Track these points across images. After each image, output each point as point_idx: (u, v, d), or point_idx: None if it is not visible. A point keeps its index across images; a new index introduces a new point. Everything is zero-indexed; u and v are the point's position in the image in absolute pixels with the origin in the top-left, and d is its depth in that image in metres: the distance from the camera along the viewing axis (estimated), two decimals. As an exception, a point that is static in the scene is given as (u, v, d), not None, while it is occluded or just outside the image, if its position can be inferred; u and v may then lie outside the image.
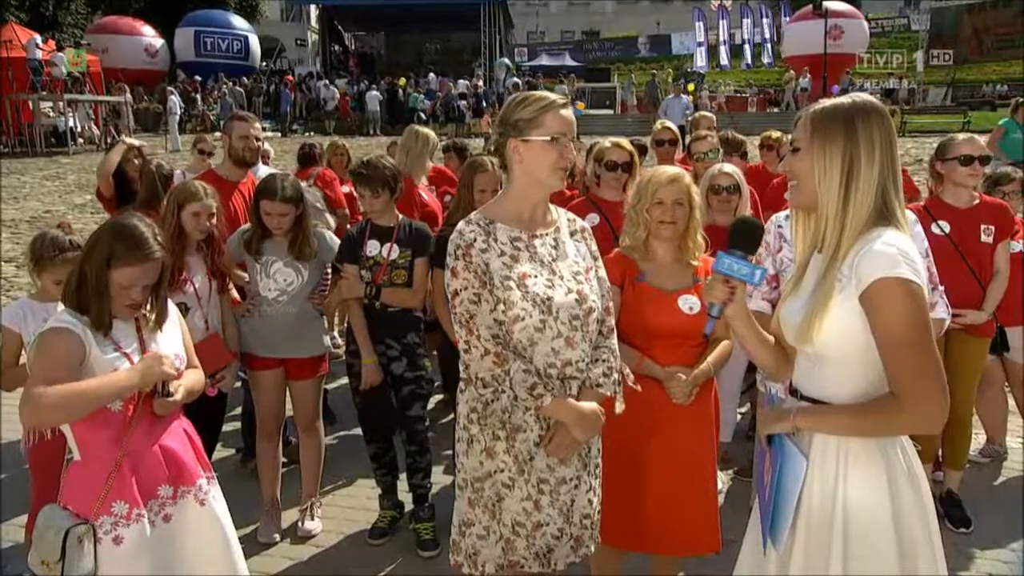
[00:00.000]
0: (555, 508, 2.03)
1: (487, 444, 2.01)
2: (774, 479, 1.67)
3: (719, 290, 1.72)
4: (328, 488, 3.78)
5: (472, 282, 1.95)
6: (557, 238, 2.07)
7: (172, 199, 3.10)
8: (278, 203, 3.15)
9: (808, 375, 1.66)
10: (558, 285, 2.00)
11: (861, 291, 1.50)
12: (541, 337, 1.96)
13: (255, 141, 3.99)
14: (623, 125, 22.33)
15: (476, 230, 1.99)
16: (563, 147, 1.98)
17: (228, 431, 4.23)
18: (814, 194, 1.60)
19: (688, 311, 2.44)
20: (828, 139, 1.57)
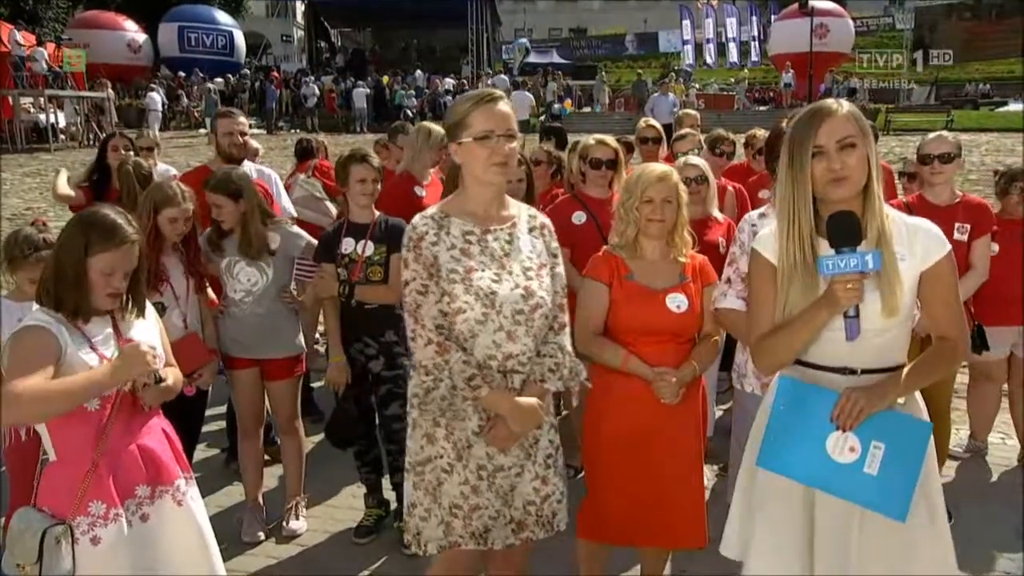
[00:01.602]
0: (493, 492, 2.10)
1: (427, 430, 2.10)
2: (887, 455, 1.75)
3: (843, 294, 1.71)
4: (313, 487, 3.77)
5: (420, 273, 2.03)
6: (512, 233, 2.12)
7: (148, 200, 3.06)
8: (209, 192, 3.17)
9: (876, 349, 1.80)
10: (505, 280, 2.05)
11: (928, 265, 1.79)
12: (482, 330, 2.02)
13: (240, 136, 3.97)
14: (610, 123, 22.35)
15: (429, 224, 2.07)
16: (494, 143, 2.02)
17: (213, 431, 4.21)
18: (862, 184, 1.78)
19: (676, 309, 2.44)
20: (869, 132, 1.80)
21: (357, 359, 3.23)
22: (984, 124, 20.75)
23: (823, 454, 1.79)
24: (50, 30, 26.31)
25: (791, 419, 1.83)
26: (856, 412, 1.75)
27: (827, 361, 1.83)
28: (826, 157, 1.76)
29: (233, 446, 3.80)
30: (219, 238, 3.24)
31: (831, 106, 1.80)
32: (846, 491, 1.78)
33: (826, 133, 1.77)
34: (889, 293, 1.75)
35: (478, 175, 2.08)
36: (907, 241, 1.80)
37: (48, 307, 1.99)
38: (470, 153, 2.06)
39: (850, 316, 1.74)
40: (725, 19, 32.44)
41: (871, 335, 1.78)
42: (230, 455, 3.92)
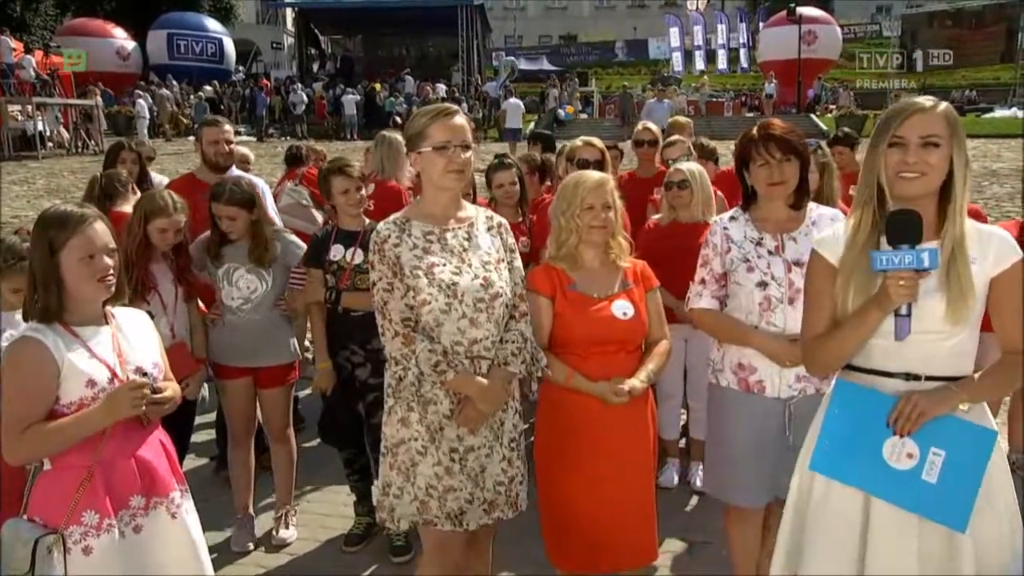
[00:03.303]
0: (465, 474, 2.27)
1: (402, 415, 2.28)
2: (947, 462, 1.72)
3: (895, 290, 1.68)
4: (303, 495, 3.76)
5: (385, 273, 2.24)
6: (471, 232, 2.32)
7: (140, 209, 3.07)
8: (223, 205, 3.16)
9: (942, 355, 1.78)
10: (465, 272, 2.25)
11: (1002, 269, 1.78)
12: (447, 318, 2.22)
13: (226, 145, 3.98)
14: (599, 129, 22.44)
15: (391, 228, 2.29)
16: (450, 153, 2.23)
17: (202, 440, 4.21)
18: (937, 185, 1.77)
19: (622, 316, 2.45)
20: (962, 135, 1.78)
21: (344, 367, 3.24)
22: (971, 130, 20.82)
23: (879, 460, 1.76)
24: (38, 37, 26.23)
25: (847, 422, 1.80)
26: (915, 416, 1.72)
27: (889, 366, 1.81)
28: (904, 149, 1.74)
29: (223, 455, 3.79)
30: (220, 246, 3.23)
31: (925, 102, 1.79)
32: (902, 499, 1.74)
33: (911, 126, 1.74)
34: (958, 296, 1.73)
35: (436, 181, 2.28)
36: (979, 245, 1.79)
37: (37, 320, 1.98)
38: (429, 162, 2.25)
39: (901, 315, 1.70)
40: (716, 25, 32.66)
41: (936, 339, 1.77)
42: (219, 464, 3.92)
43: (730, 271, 2.53)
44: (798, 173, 2.48)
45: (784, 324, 2.44)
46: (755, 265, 2.47)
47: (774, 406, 2.47)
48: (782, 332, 2.44)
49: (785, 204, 2.52)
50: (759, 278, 2.46)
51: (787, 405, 2.45)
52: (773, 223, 2.52)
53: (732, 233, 2.55)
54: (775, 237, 2.50)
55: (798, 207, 2.53)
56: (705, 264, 2.59)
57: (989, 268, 1.79)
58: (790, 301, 2.43)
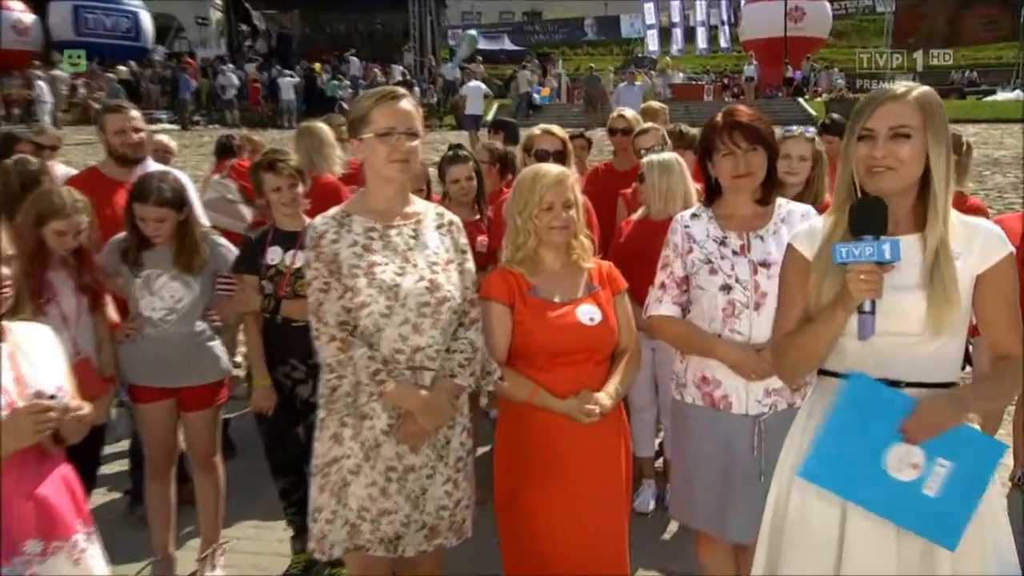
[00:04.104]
0: (402, 495, 2.29)
1: (335, 430, 2.30)
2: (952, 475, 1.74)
3: (855, 285, 1.70)
4: (232, 532, 3.70)
5: (321, 272, 2.26)
6: (417, 229, 2.35)
7: (32, 208, 2.97)
8: (151, 207, 3.07)
9: (922, 360, 1.80)
10: (409, 273, 2.27)
11: (989, 265, 1.80)
12: (387, 323, 2.24)
13: (134, 134, 3.87)
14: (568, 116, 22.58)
15: (329, 223, 2.30)
16: (394, 141, 2.24)
17: (114, 472, 4.12)
18: (912, 180, 1.79)
19: (589, 322, 2.47)
20: (939, 123, 1.79)
21: (283, 383, 3.21)
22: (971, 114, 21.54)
23: (879, 469, 1.77)
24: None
25: (852, 423, 1.79)
26: (935, 424, 1.73)
27: (865, 371, 1.82)
28: (872, 143, 1.76)
29: (138, 488, 3.71)
30: (139, 250, 3.15)
31: (895, 89, 1.81)
32: (895, 513, 1.76)
33: (880, 116, 1.76)
34: (941, 299, 1.75)
35: (379, 171, 2.30)
36: (965, 239, 1.81)
37: None
38: (371, 149, 2.27)
39: (864, 311, 1.72)
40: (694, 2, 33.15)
41: (915, 343, 1.78)
42: (134, 499, 3.84)
43: (692, 274, 2.55)
44: (766, 164, 2.52)
45: (749, 332, 2.47)
46: (718, 267, 2.50)
47: (742, 424, 2.49)
48: (747, 341, 2.47)
49: (751, 199, 2.55)
50: (723, 281, 2.49)
51: (756, 422, 2.48)
52: (738, 220, 2.55)
53: (694, 232, 2.58)
54: (740, 235, 2.53)
55: (766, 202, 2.57)
56: (665, 267, 2.62)
57: (974, 263, 1.81)
58: (756, 306, 2.46)
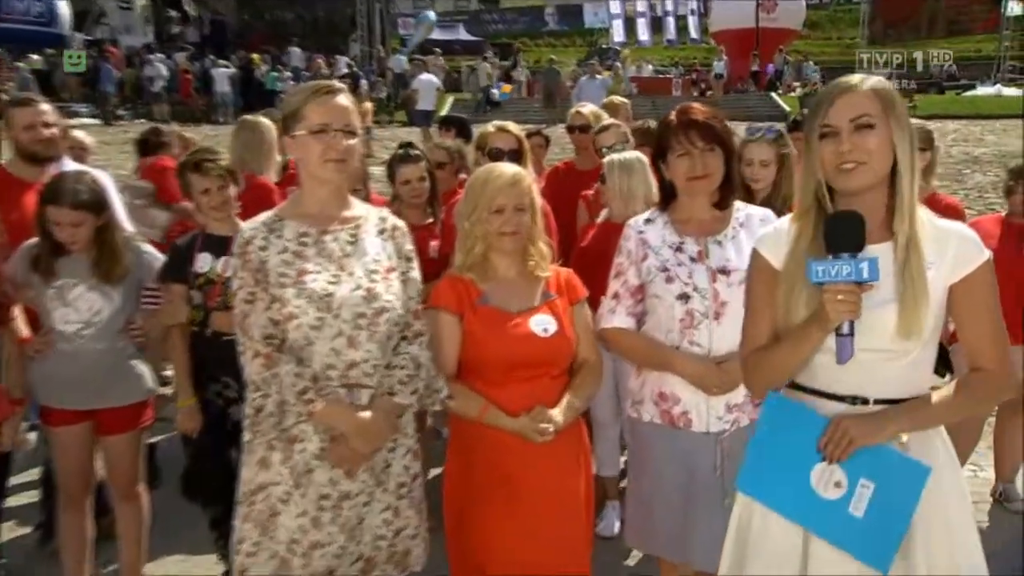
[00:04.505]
0: (337, 525, 2.26)
1: (262, 454, 2.27)
2: (876, 496, 1.79)
3: (833, 306, 1.72)
4: (156, 568, 3.63)
5: (247, 281, 2.24)
6: (356, 234, 2.33)
7: None
8: (65, 210, 3.02)
9: (894, 376, 1.83)
10: (344, 281, 2.25)
11: (964, 274, 1.82)
12: (319, 336, 2.21)
13: (45, 129, 3.80)
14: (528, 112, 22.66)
15: (257, 229, 2.28)
16: (330, 138, 2.23)
17: (22, 504, 4.03)
18: (883, 173, 1.81)
19: (543, 333, 2.48)
20: (901, 112, 1.82)
21: (214, 403, 3.17)
22: (951, 110, 22.17)
23: (806, 486, 1.84)
24: None
25: (776, 441, 1.88)
26: (844, 443, 1.79)
27: (834, 387, 1.86)
28: (837, 138, 1.79)
29: (50, 521, 3.63)
30: (52, 257, 3.08)
31: (850, 80, 1.85)
32: (827, 531, 1.84)
33: (839, 110, 1.79)
34: (911, 307, 1.77)
35: (313, 171, 2.29)
36: (937, 246, 1.83)
37: None
38: (304, 147, 2.26)
39: (842, 334, 1.74)
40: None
41: (888, 358, 1.82)
42: (46, 533, 3.77)
43: (647, 282, 2.58)
44: (723, 166, 2.56)
45: (709, 343, 2.50)
46: (675, 275, 2.53)
47: (703, 442, 2.52)
48: (707, 353, 2.50)
49: (709, 202, 2.59)
50: (680, 290, 2.52)
51: (718, 440, 2.51)
52: (695, 224, 2.59)
53: (649, 237, 2.61)
54: (697, 241, 2.57)
55: (723, 206, 2.61)
56: (619, 275, 2.65)
57: (947, 273, 1.83)
58: (716, 316, 2.50)
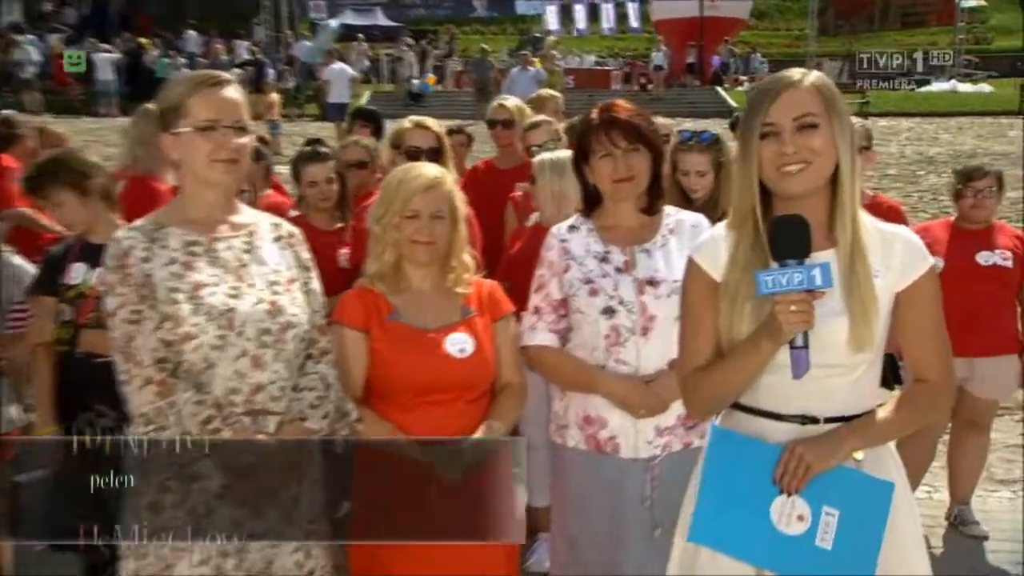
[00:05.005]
0: (243, 572, 2.20)
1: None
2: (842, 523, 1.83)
3: (786, 318, 1.74)
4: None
5: (130, 298, 2.15)
6: (251, 242, 2.30)
7: None
8: None
9: (843, 391, 1.89)
10: (245, 294, 2.21)
11: (910, 282, 1.89)
12: (220, 357, 2.16)
13: None
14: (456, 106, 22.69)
15: (136, 236, 2.20)
16: (219, 136, 2.18)
17: None
18: (827, 176, 1.87)
19: (459, 354, 2.48)
20: (842, 111, 1.88)
21: (86, 434, 3.06)
22: (904, 107, 23.02)
23: (767, 524, 1.86)
24: None
25: (726, 481, 1.90)
26: (801, 471, 1.82)
27: (781, 407, 1.89)
28: (779, 138, 1.82)
29: None
30: None
31: (792, 76, 1.89)
32: (797, 569, 1.85)
33: (781, 108, 1.83)
34: (861, 319, 1.82)
35: (200, 173, 2.23)
36: (882, 252, 1.89)
37: None
38: (189, 146, 2.20)
39: (797, 347, 1.77)
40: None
41: (836, 374, 1.86)
42: None
43: (570, 296, 2.60)
44: (649, 168, 2.59)
45: (637, 361, 2.53)
46: (599, 287, 2.55)
47: (631, 468, 2.54)
48: (635, 372, 2.53)
49: (636, 208, 2.63)
50: (604, 303, 2.54)
51: (648, 466, 2.53)
52: (622, 232, 2.62)
53: (572, 247, 2.63)
54: (624, 250, 2.60)
55: (652, 211, 2.65)
56: (540, 288, 2.66)
57: (894, 281, 1.90)
58: (643, 332, 2.53)
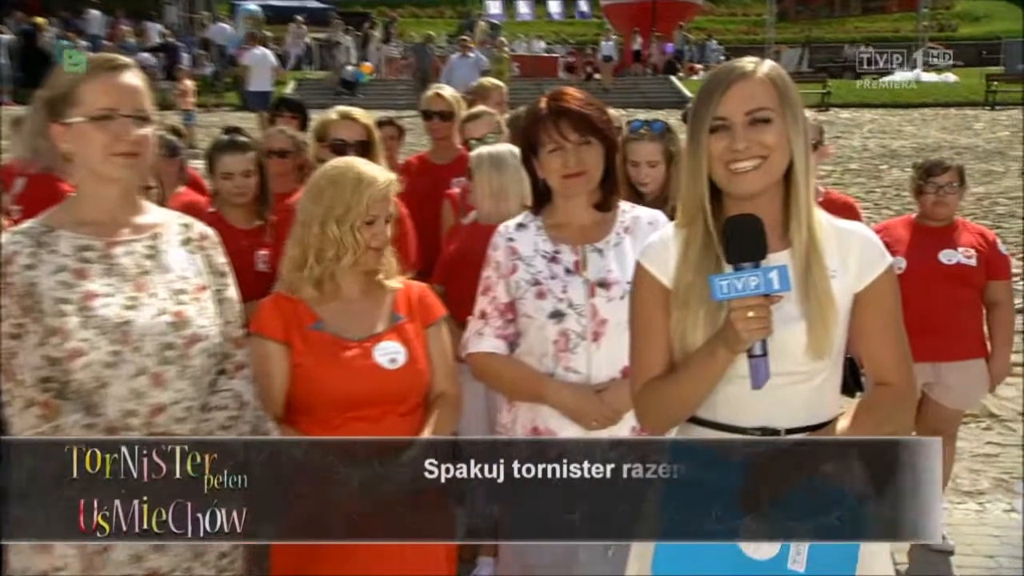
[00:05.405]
0: None
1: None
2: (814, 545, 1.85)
3: (744, 324, 1.75)
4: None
5: (12, 310, 2.10)
6: (155, 246, 2.24)
7: None
8: None
9: (802, 400, 1.92)
10: (145, 305, 2.16)
11: (868, 282, 1.93)
12: (114, 375, 2.11)
13: None
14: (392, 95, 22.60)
15: (22, 241, 2.15)
16: (117, 126, 2.13)
17: None
18: (780, 173, 1.89)
19: (390, 364, 2.48)
20: (796, 103, 1.90)
21: None
22: (867, 98, 23.43)
23: (735, 551, 1.87)
24: None
25: (688, 507, 1.88)
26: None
27: (740, 420, 1.91)
28: (730, 133, 1.83)
29: None
30: None
31: (744, 66, 1.89)
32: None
33: (733, 100, 1.84)
34: (819, 324, 1.85)
35: (95, 168, 2.17)
36: (839, 251, 1.92)
37: None
38: (83, 138, 2.14)
39: (755, 355, 1.79)
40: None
41: (796, 381, 1.88)
42: None
43: (518, 299, 2.61)
44: (602, 161, 2.60)
45: (588, 369, 2.55)
46: (548, 289, 2.57)
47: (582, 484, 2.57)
48: (586, 380, 2.55)
49: (588, 204, 2.64)
50: (553, 307, 2.56)
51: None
52: (573, 230, 2.64)
53: (519, 246, 2.64)
54: (575, 250, 2.61)
55: (605, 208, 2.66)
56: (487, 291, 2.67)
57: (852, 281, 1.93)
58: (594, 337, 2.55)
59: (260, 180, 3.88)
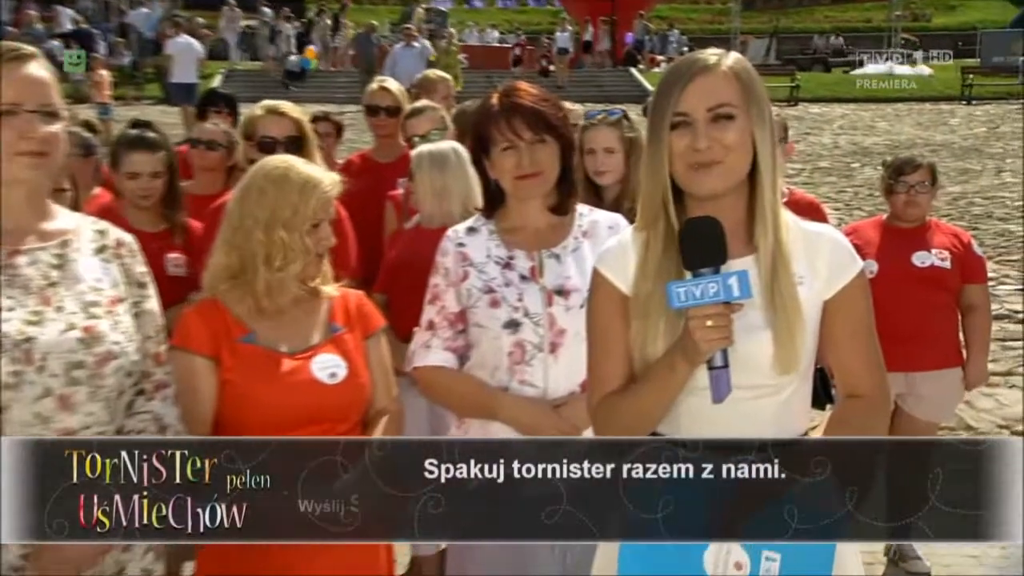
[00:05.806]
0: None
1: None
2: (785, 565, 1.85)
3: (703, 334, 1.76)
4: None
5: None
6: (64, 254, 2.20)
7: None
8: None
9: (770, 415, 1.94)
10: (50, 320, 2.12)
11: (838, 288, 1.95)
12: (15, 398, 2.06)
13: None
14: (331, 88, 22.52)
15: None
16: (23, 123, 2.09)
17: None
18: (743, 173, 1.91)
19: (329, 379, 2.47)
20: (762, 98, 1.92)
21: None
22: (838, 92, 23.84)
23: (703, 548, 1.87)
24: None
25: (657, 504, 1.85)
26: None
27: (704, 435, 1.89)
28: (691, 130, 1.84)
29: None
30: None
31: (707, 59, 1.90)
32: None
33: (694, 94, 1.85)
34: (786, 335, 1.86)
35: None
36: (807, 256, 1.94)
37: None
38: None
39: (715, 367, 1.80)
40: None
41: (762, 395, 1.91)
42: None
43: (469, 308, 2.62)
44: (559, 161, 2.60)
45: (545, 382, 2.56)
46: (502, 297, 2.57)
47: None
48: (542, 394, 2.56)
49: (544, 206, 2.64)
50: (507, 316, 2.56)
51: None
52: (528, 235, 2.64)
53: (471, 251, 2.65)
54: (530, 255, 2.62)
55: (562, 211, 2.67)
56: (435, 300, 2.67)
57: (821, 287, 1.95)
58: (552, 348, 2.55)
59: (168, 180, 3.79)
